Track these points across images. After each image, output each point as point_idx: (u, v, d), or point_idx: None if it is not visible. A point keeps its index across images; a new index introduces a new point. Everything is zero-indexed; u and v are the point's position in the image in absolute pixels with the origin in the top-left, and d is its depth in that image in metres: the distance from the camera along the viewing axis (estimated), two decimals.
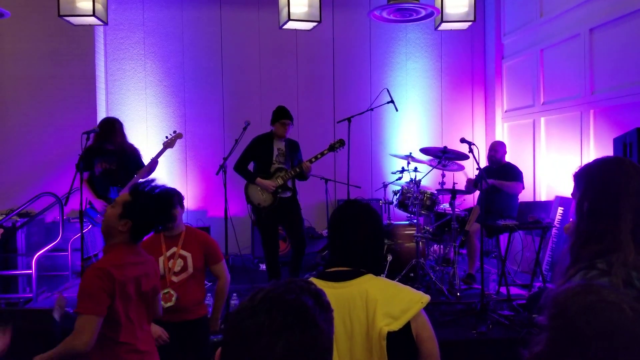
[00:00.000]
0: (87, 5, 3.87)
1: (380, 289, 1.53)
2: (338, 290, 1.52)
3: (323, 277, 1.59)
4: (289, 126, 4.54)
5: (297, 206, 4.65)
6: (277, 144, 4.57)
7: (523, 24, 5.92)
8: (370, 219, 1.67)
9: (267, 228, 4.58)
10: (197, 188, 6.42)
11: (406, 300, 1.50)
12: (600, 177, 1.39)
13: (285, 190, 4.53)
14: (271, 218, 4.55)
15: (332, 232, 1.68)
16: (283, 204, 4.53)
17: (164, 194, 2.23)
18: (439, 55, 6.75)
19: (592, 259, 1.31)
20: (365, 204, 1.74)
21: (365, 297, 1.50)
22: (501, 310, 4.03)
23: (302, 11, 4.12)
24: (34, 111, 5.91)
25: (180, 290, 2.95)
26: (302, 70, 6.56)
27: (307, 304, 0.92)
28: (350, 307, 1.50)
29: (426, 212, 4.93)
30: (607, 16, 4.48)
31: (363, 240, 1.63)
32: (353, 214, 1.67)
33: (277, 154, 4.56)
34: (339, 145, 4.65)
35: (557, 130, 5.35)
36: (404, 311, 1.47)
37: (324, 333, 0.92)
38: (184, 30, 6.41)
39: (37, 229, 5.27)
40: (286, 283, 0.95)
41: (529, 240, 5.25)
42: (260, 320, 0.88)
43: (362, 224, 1.65)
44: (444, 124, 6.75)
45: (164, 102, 6.43)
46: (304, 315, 0.90)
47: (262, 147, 4.57)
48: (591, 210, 1.36)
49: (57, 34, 5.77)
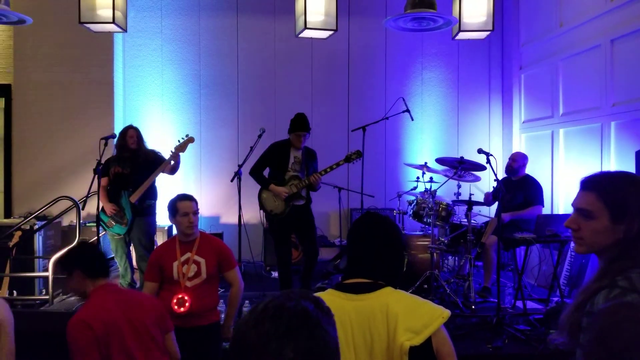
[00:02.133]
0: (107, 13, 3.92)
1: (401, 302, 1.51)
2: (357, 303, 1.50)
3: (342, 288, 1.56)
4: (304, 137, 4.51)
5: (311, 215, 4.61)
6: (294, 152, 4.54)
7: (542, 33, 5.86)
8: (390, 230, 1.65)
9: (280, 235, 4.56)
10: (211, 194, 6.44)
11: (427, 314, 1.48)
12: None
13: (298, 198, 4.50)
14: (283, 225, 4.53)
15: (350, 243, 1.66)
16: (296, 212, 4.50)
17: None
18: (455, 65, 6.71)
19: (614, 276, 1.28)
20: (384, 216, 1.73)
21: (386, 311, 1.47)
22: (517, 324, 3.95)
23: (319, 20, 4.11)
24: (54, 116, 6.01)
25: (194, 295, 2.96)
26: (317, 78, 6.57)
27: (308, 308, 0.91)
28: (370, 321, 1.47)
29: (441, 223, 4.87)
30: (628, 27, 4.41)
31: (382, 252, 1.62)
32: (372, 226, 1.65)
33: (293, 161, 4.53)
34: (355, 157, 4.55)
35: (576, 142, 5.26)
36: (425, 326, 1.44)
37: (330, 335, 0.91)
38: (200, 38, 6.47)
39: (54, 232, 5.33)
40: (284, 292, 0.95)
41: (546, 254, 5.15)
42: (264, 328, 0.87)
43: (381, 236, 1.63)
44: (460, 134, 6.69)
45: (180, 109, 6.48)
46: (307, 319, 0.90)
47: (278, 154, 4.54)
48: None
49: (77, 40, 5.88)
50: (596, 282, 1.33)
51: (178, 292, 2.94)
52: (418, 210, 4.94)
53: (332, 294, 1.55)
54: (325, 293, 1.57)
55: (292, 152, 4.54)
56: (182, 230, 3.03)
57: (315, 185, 4.46)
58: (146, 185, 4.45)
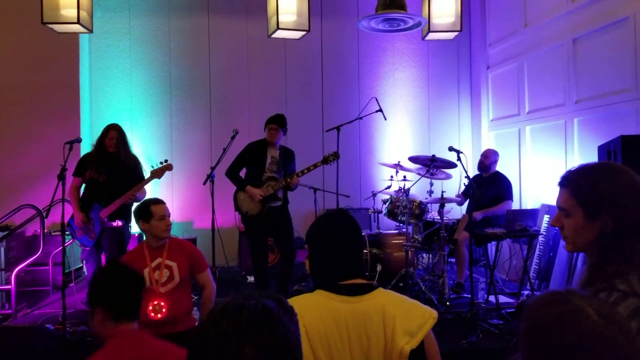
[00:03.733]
0: (71, 13, 3.80)
1: (396, 304, 1.51)
2: (353, 305, 1.49)
3: (336, 290, 1.53)
4: (276, 132, 4.38)
5: (288, 216, 4.56)
6: (271, 151, 4.45)
7: (508, 34, 6.00)
8: (358, 227, 1.66)
9: (255, 237, 4.46)
10: (183, 199, 6.34)
11: (419, 315, 1.49)
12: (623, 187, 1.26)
13: (275, 200, 4.42)
14: (260, 227, 4.45)
15: (333, 242, 1.60)
16: (273, 214, 4.42)
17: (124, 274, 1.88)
18: (425, 65, 6.80)
19: (610, 279, 1.22)
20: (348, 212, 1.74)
21: (382, 313, 1.47)
22: (491, 319, 4.03)
23: (291, 20, 4.11)
24: (16, 120, 5.78)
25: (169, 300, 2.91)
26: (291, 79, 6.55)
27: (269, 306, 0.90)
28: (366, 323, 1.47)
29: (415, 220, 4.93)
30: (589, 26, 4.56)
31: (361, 250, 1.64)
32: (352, 223, 1.65)
33: (270, 162, 4.44)
34: (332, 158, 4.49)
35: (542, 138, 5.41)
36: (419, 327, 1.46)
37: (292, 333, 0.90)
38: (171, 39, 6.36)
39: (17, 242, 5.14)
40: (245, 293, 0.94)
41: (516, 249, 5.28)
42: (223, 327, 0.86)
43: (359, 233, 1.65)
44: (431, 132, 6.79)
45: (150, 111, 6.36)
46: (268, 317, 0.88)
47: (255, 154, 4.45)
48: (618, 228, 1.25)
49: (40, 41, 5.67)
50: (591, 284, 1.26)
51: (153, 299, 2.88)
52: (392, 209, 4.99)
53: (326, 296, 1.52)
54: (315, 294, 1.54)
55: (270, 152, 4.45)
56: (157, 234, 2.99)
57: (293, 186, 4.41)
58: (118, 204, 4.13)
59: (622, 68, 4.18)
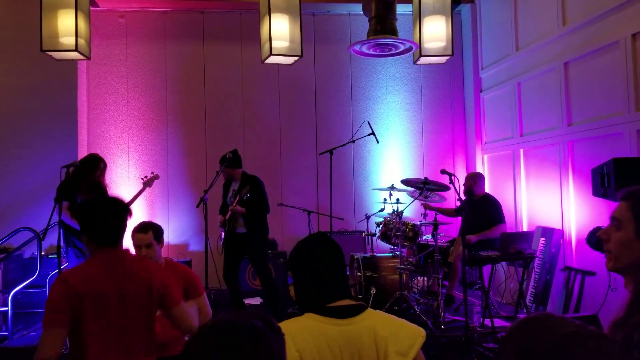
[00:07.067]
0: (69, 41, 3.88)
1: (386, 325, 1.51)
2: (344, 328, 1.48)
3: (325, 313, 1.52)
4: (225, 171, 4.80)
5: (255, 241, 4.75)
6: (233, 185, 4.88)
7: (500, 57, 6.09)
8: (339, 248, 1.68)
9: (226, 251, 4.81)
10: (178, 222, 6.34)
11: (409, 334, 1.50)
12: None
13: (239, 226, 4.75)
14: (229, 245, 4.78)
15: (318, 264, 1.60)
16: (238, 240, 4.75)
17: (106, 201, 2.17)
18: (418, 89, 6.89)
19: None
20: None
21: (374, 335, 1.47)
22: (486, 342, 3.99)
23: (283, 46, 4.18)
24: (14, 145, 5.85)
25: (160, 325, 2.87)
26: (285, 103, 6.63)
27: (256, 325, 0.92)
28: (358, 346, 1.46)
29: (409, 243, 4.92)
30: (580, 50, 4.63)
31: (344, 269, 1.65)
32: (334, 245, 1.66)
33: (230, 194, 4.86)
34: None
35: (536, 161, 5.44)
36: (410, 347, 1.47)
37: (276, 352, 0.92)
38: (167, 65, 6.47)
39: (14, 264, 5.14)
40: (236, 312, 0.97)
41: (512, 272, 5.25)
42: (210, 343, 0.88)
43: (341, 254, 1.66)
44: (425, 155, 6.83)
45: (146, 136, 6.42)
46: (254, 335, 0.90)
47: (224, 188, 4.96)
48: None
49: (39, 68, 5.79)
50: (632, 314, 1.18)
51: None
52: (386, 232, 4.99)
53: (316, 319, 1.51)
54: (305, 317, 1.53)
55: (232, 185, 4.88)
56: None
57: (236, 214, 4.72)
58: None
59: (614, 91, 4.22)
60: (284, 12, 3.93)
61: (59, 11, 3.72)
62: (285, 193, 6.38)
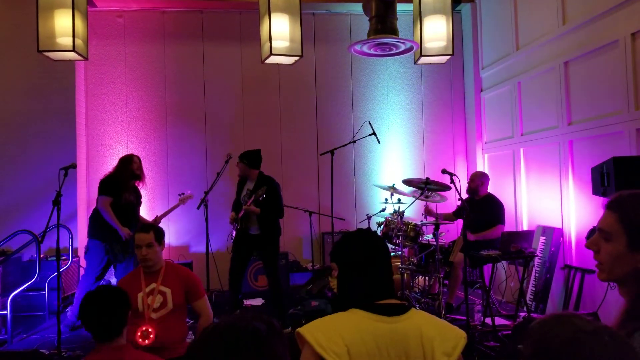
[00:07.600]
0: (67, 41, 3.85)
1: (431, 325, 1.53)
2: (391, 326, 1.50)
3: (374, 310, 1.53)
4: (239, 165, 4.76)
5: (269, 242, 4.72)
6: (248, 184, 4.82)
7: (500, 57, 6.09)
8: (387, 247, 1.70)
9: (235, 247, 4.78)
10: (179, 223, 6.32)
11: (453, 336, 1.52)
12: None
13: (251, 226, 4.70)
14: (239, 241, 4.74)
15: (371, 262, 1.61)
16: (251, 241, 4.73)
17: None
18: (419, 88, 6.88)
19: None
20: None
21: (420, 334, 1.49)
22: (487, 341, 3.99)
23: (284, 46, 4.16)
24: (13, 147, 5.82)
25: (160, 327, 2.87)
26: (285, 103, 6.62)
27: (259, 328, 0.92)
28: (405, 344, 1.48)
29: (410, 243, 4.91)
30: (580, 50, 4.63)
31: (391, 269, 1.67)
32: (382, 243, 1.67)
33: (245, 193, 4.80)
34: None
35: (536, 160, 5.43)
36: (454, 347, 1.49)
37: (278, 355, 0.92)
38: (166, 65, 6.44)
39: (13, 267, 5.12)
40: (239, 314, 0.97)
41: (512, 270, 5.25)
42: (213, 346, 0.88)
43: (388, 254, 1.67)
44: (426, 155, 6.82)
45: (146, 137, 6.39)
46: (256, 338, 0.90)
47: (238, 186, 4.92)
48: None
49: (36, 69, 5.75)
50: (629, 321, 1.17)
51: (142, 324, 2.85)
52: (387, 232, 4.98)
53: (364, 316, 1.51)
54: (351, 313, 1.53)
55: (247, 185, 4.82)
56: (139, 260, 2.98)
57: (250, 214, 4.66)
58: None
59: (614, 90, 4.22)
60: (284, 12, 3.92)
61: (56, 11, 3.69)
62: (286, 193, 6.34)
